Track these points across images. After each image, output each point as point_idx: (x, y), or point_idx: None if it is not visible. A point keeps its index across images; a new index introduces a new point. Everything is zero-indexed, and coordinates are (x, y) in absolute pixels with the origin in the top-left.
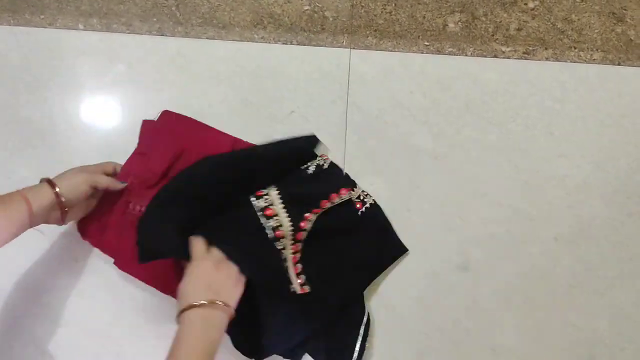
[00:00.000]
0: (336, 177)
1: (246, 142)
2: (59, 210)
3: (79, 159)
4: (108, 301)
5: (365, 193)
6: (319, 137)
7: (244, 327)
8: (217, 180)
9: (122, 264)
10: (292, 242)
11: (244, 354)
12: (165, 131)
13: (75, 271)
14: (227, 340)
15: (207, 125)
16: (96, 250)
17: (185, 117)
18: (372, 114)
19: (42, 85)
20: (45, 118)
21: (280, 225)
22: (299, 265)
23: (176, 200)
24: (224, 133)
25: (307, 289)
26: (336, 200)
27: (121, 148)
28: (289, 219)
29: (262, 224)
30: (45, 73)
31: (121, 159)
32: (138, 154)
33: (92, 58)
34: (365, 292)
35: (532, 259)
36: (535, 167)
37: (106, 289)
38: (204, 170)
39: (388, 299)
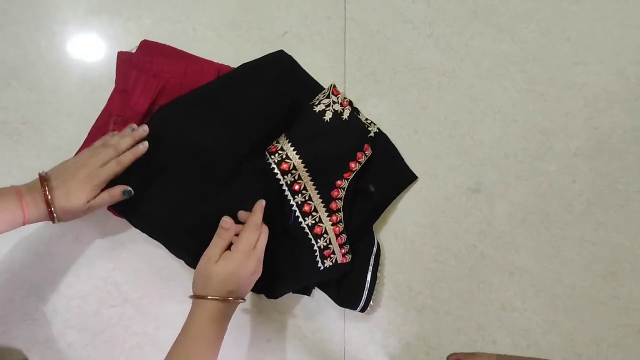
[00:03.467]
0: (357, 129)
1: (232, 68)
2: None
3: (59, 97)
4: (108, 246)
5: (369, 121)
6: (315, 58)
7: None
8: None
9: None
10: (327, 214)
11: (258, 293)
12: (144, 64)
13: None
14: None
15: (188, 54)
16: None
17: (165, 45)
18: (372, 29)
19: (11, 19)
20: (18, 55)
21: (310, 199)
22: (343, 236)
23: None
24: (207, 60)
25: (348, 257)
26: (362, 159)
27: (102, 83)
28: (317, 191)
29: (288, 199)
30: (14, 6)
31: (102, 94)
32: (118, 92)
33: None
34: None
35: (550, 177)
36: (551, 78)
37: (103, 234)
38: (173, 116)
39: (399, 227)
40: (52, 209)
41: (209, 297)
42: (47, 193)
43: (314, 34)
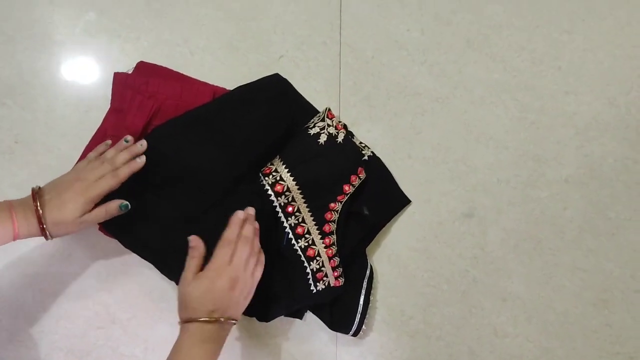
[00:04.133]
0: (351, 153)
1: (228, 90)
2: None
3: (53, 117)
4: (97, 266)
5: (363, 145)
6: (311, 82)
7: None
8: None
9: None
10: (321, 236)
11: (250, 316)
12: (140, 85)
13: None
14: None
15: (184, 75)
16: None
17: (162, 67)
18: (367, 55)
19: (8, 38)
20: (14, 74)
21: (303, 221)
22: (336, 259)
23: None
24: (203, 82)
25: (341, 281)
26: (356, 182)
27: (97, 103)
28: (311, 213)
29: (281, 220)
30: (11, 25)
31: (97, 115)
32: (114, 111)
33: (60, 6)
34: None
35: (541, 203)
36: (543, 106)
37: (94, 254)
38: (169, 136)
39: (392, 251)
40: (44, 224)
41: (191, 320)
42: (39, 208)
43: (309, 59)
